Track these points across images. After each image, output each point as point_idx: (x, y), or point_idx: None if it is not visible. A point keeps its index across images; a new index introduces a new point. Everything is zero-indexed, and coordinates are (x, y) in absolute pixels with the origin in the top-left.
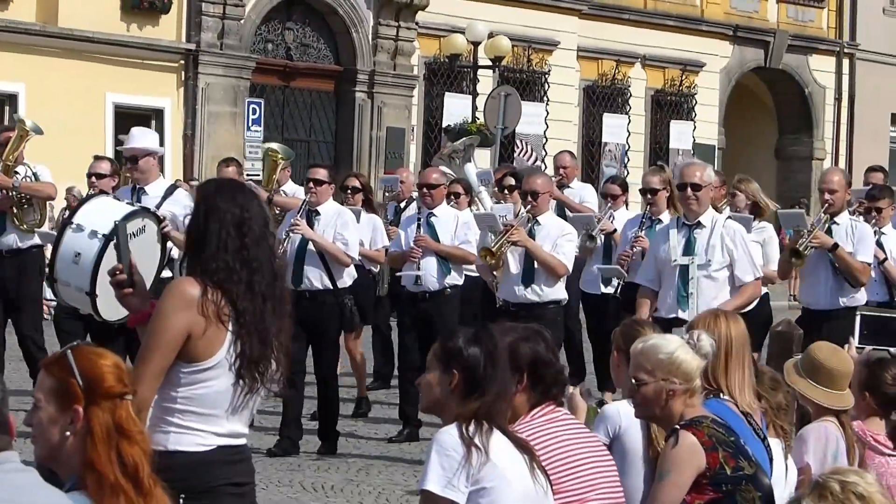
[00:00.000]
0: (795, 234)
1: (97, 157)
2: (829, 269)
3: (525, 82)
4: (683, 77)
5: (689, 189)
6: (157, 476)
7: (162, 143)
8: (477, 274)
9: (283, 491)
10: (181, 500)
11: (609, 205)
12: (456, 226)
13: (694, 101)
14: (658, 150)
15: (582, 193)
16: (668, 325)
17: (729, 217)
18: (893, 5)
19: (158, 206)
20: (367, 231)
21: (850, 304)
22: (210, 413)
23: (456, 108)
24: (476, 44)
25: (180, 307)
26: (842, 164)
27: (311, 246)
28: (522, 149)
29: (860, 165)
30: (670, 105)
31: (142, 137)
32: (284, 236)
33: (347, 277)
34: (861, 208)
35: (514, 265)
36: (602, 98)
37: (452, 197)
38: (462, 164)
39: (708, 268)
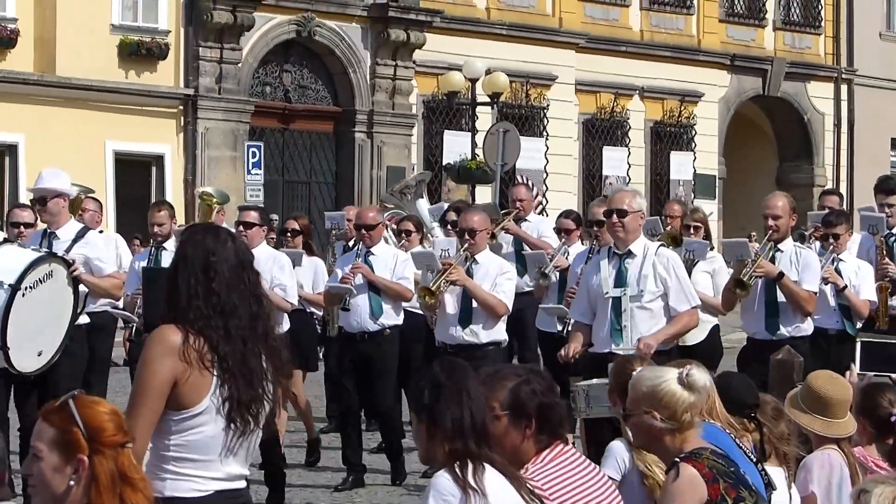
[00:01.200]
0: (739, 264)
1: (19, 206)
2: (763, 299)
3: (524, 117)
4: (682, 108)
5: (614, 215)
6: None
7: (162, 189)
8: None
9: None
10: None
11: (563, 240)
12: (395, 263)
13: (693, 132)
14: (659, 182)
15: (539, 227)
16: (602, 361)
17: (677, 244)
18: (890, 30)
19: (69, 250)
20: (308, 274)
21: (795, 333)
22: (204, 458)
23: (455, 146)
24: (474, 81)
25: (163, 355)
26: (843, 189)
27: None
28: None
29: (861, 190)
30: (670, 136)
31: (51, 178)
32: None
33: (283, 324)
34: (817, 234)
35: (452, 305)
36: (601, 131)
37: (403, 235)
38: (414, 199)
39: (640, 299)
